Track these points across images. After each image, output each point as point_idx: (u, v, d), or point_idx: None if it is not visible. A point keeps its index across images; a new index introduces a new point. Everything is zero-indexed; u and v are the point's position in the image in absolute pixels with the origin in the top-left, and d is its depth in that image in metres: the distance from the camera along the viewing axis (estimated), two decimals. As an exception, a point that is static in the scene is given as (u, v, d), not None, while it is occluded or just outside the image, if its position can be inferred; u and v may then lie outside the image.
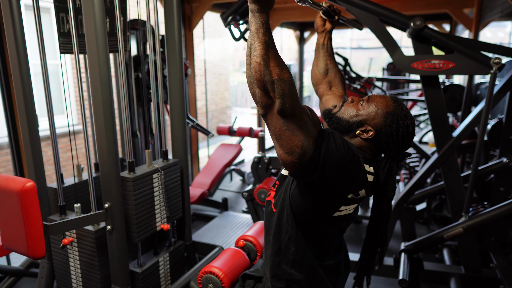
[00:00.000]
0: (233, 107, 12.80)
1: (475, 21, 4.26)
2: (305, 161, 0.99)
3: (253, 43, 0.95)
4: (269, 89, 0.94)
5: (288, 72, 0.96)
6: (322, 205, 1.12)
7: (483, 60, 2.06)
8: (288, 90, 0.94)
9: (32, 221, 1.46)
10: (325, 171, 1.00)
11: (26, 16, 1.90)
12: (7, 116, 2.88)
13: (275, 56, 0.95)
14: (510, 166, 2.62)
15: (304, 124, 0.98)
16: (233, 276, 1.51)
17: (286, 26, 7.37)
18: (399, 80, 6.38)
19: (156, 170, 2.02)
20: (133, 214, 1.91)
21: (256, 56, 0.94)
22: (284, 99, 0.94)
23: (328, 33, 1.55)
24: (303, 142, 0.97)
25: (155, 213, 2.06)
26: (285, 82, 0.94)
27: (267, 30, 0.94)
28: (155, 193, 2.05)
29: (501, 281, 2.40)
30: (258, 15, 0.94)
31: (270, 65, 0.93)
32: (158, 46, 2.13)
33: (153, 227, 2.06)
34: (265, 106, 0.97)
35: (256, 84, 0.95)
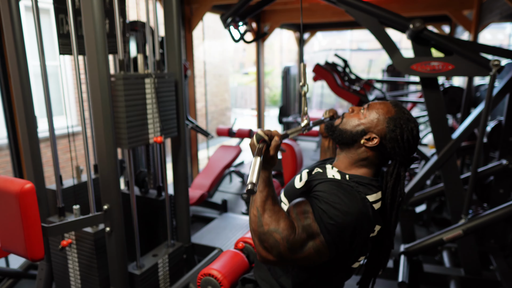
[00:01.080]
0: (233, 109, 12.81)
1: (474, 22, 4.26)
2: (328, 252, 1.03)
3: (255, 197, 1.02)
4: (263, 240, 1.00)
5: (284, 222, 1.00)
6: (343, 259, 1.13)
7: (482, 62, 2.06)
8: (282, 239, 0.98)
9: (30, 222, 1.45)
10: (344, 246, 1.04)
11: (25, 17, 1.90)
12: (6, 118, 2.88)
13: (271, 207, 1.01)
14: (510, 168, 2.62)
15: (304, 240, 1.01)
16: (232, 278, 1.50)
17: (286, 28, 7.38)
18: (398, 82, 6.39)
19: (149, 74, 1.95)
20: (123, 117, 1.83)
21: (253, 208, 1.02)
22: (279, 247, 0.99)
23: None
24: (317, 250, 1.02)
25: (148, 123, 1.98)
26: (277, 231, 0.99)
27: (266, 185, 1.02)
28: (148, 101, 1.96)
29: (501, 283, 2.39)
30: (261, 172, 1.02)
31: (264, 216, 1.00)
32: (157, 47, 2.13)
33: (146, 137, 1.98)
34: (262, 256, 1.02)
35: (254, 234, 1.02)
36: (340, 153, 1.23)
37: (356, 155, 1.17)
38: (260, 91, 6.46)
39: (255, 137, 1.02)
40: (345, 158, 1.20)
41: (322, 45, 16.76)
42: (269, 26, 6.02)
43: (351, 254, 1.11)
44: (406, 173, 1.16)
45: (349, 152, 1.19)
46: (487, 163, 3.43)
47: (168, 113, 2.12)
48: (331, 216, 1.01)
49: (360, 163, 1.18)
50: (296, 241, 0.99)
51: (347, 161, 1.20)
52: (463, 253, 2.48)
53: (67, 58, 4.87)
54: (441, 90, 2.34)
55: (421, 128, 8.09)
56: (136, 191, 2.52)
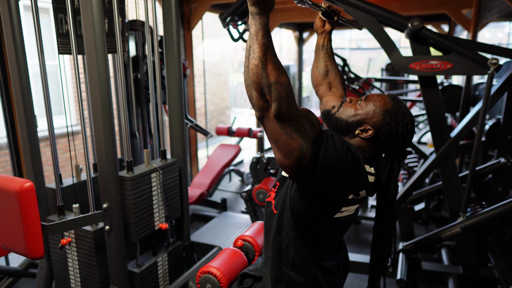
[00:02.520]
0: (232, 108, 12.81)
1: (473, 21, 4.27)
2: (304, 164, 0.98)
3: (252, 45, 0.95)
4: (266, 92, 0.94)
5: (285, 76, 0.96)
6: (322, 207, 1.12)
7: (481, 60, 2.07)
8: (285, 94, 0.94)
9: (30, 221, 1.46)
10: (324, 173, 1.00)
11: (24, 17, 1.91)
12: (6, 117, 2.88)
13: (273, 59, 0.94)
14: (508, 166, 2.63)
15: (301, 127, 0.98)
16: (231, 276, 1.51)
17: (285, 27, 7.38)
18: (397, 80, 6.39)
19: (155, 169, 2.03)
20: (132, 213, 1.91)
21: (254, 58, 0.94)
22: (281, 103, 0.94)
23: (327, 34, 1.56)
24: (300, 145, 0.97)
25: (154, 213, 2.06)
26: (282, 85, 0.94)
27: (266, 32, 0.94)
28: (154, 193, 2.05)
29: (499, 281, 2.40)
30: (258, 18, 0.94)
31: (267, 67, 0.93)
32: (156, 46, 2.14)
33: (152, 226, 2.06)
34: (261, 109, 0.97)
35: (253, 86, 0.95)
36: None
37: None
38: (259, 90, 6.45)
39: None
40: None
41: (322, 44, 16.72)
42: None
43: (328, 195, 1.08)
44: (399, 166, 1.17)
45: None
46: (486, 161, 3.44)
47: (173, 198, 2.22)
48: (330, 142, 1.01)
49: None
50: (296, 114, 0.97)
51: None
52: (461, 251, 2.49)
53: (67, 57, 4.87)
54: (439, 88, 2.35)
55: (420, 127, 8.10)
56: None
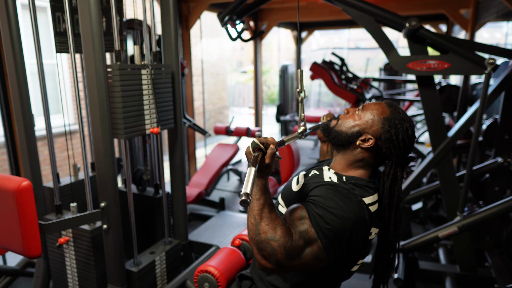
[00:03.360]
0: (230, 107, 12.81)
1: (471, 21, 4.28)
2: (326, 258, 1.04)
3: (251, 203, 1.03)
4: (261, 248, 1.00)
5: (280, 229, 1.00)
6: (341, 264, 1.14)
7: (478, 60, 2.08)
8: (279, 246, 0.98)
9: (28, 220, 1.46)
10: (342, 251, 1.05)
11: (22, 15, 1.90)
12: (3, 116, 2.87)
13: (268, 215, 1.01)
14: (505, 166, 2.64)
15: (302, 246, 1.01)
16: (229, 275, 1.51)
17: (284, 26, 7.38)
18: (396, 80, 6.40)
19: (145, 65, 1.94)
20: (120, 107, 1.82)
21: (250, 217, 1.03)
22: (276, 255, 0.99)
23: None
24: (315, 256, 1.02)
25: (144, 114, 1.97)
26: (274, 239, 0.99)
27: (263, 192, 1.03)
28: (144, 92, 1.96)
29: (496, 280, 2.41)
30: (257, 180, 1.03)
31: (261, 224, 1.00)
32: (154, 45, 2.13)
33: (142, 128, 1.98)
34: (261, 264, 1.03)
35: (252, 243, 1.03)
36: (337, 154, 1.24)
37: (352, 156, 1.18)
38: (257, 89, 6.46)
39: (251, 145, 1.03)
40: (342, 159, 1.21)
41: (320, 44, 16.77)
42: (267, 25, 6.03)
43: (349, 258, 1.11)
44: (403, 173, 1.16)
45: (345, 153, 1.20)
46: (483, 161, 3.45)
47: (165, 105, 2.12)
48: (327, 221, 1.01)
49: (356, 164, 1.18)
50: (293, 248, 1.00)
51: (343, 163, 1.20)
52: (459, 250, 2.50)
53: (64, 56, 4.86)
54: (437, 88, 2.36)
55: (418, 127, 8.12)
56: (133, 189, 2.53)
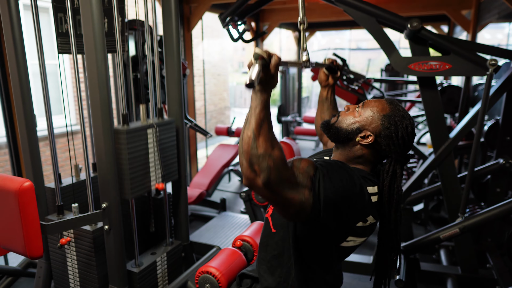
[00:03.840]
0: (231, 108, 12.81)
1: (472, 22, 4.28)
2: (308, 213, 1.02)
3: (250, 117, 0.98)
4: (254, 162, 0.96)
5: (277, 149, 0.97)
6: (329, 237, 1.13)
7: (479, 61, 2.08)
8: (274, 164, 0.96)
9: (29, 220, 1.46)
10: (329, 212, 1.03)
11: (24, 16, 1.91)
12: (5, 116, 2.88)
13: (267, 132, 0.97)
14: (507, 167, 2.63)
15: (295, 183, 1.00)
16: (230, 276, 1.52)
17: (285, 27, 7.39)
18: (397, 81, 6.40)
19: (151, 125, 1.99)
20: (127, 169, 1.86)
21: (248, 130, 0.97)
22: (269, 173, 0.95)
23: (331, 87, 1.64)
24: (300, 201, 1.00)
25: (150, 171, 2.02)
26: (271, 156, 0.96)
27: (264, 108, 0.97)
28: (150, 150, 2.00)
29: (498, 281, 2.41)
30: (260, 94, 0.97)
31: (259, 139, 0.96)
32: (156, 46, 2.14)
33: (148, 185, 2.02)
34: (248, 178, 0.98)
35: (244, 155, 0.98)
36: (336, 150, 1.25)
37: (351, 153, 1.19)
38: (259, 90, 6.44)
39: (253, 55, 0.96)
40: (341, 155, 1.22)
41: (321, 44, 16.76)
42: (268, 25, 6.03)
43: (336, 229, 1.09)
44: (402, 171, 1.16)
45: (344, 150, 1.20)
46: (485, 162, 3.45)
47: (169, 158, 2.19)
48: (326, 181, 1.02)
49: (356, 161, 1.19)
50: (287, 177, 0.99)
51: (343, 159, 1.21)
52: (460, 251, 2.49)
53: (66, 57, 4.87)
54: (439, 89, 2.35)
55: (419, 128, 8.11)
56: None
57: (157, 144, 2.04)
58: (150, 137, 2.00)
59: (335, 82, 1.62)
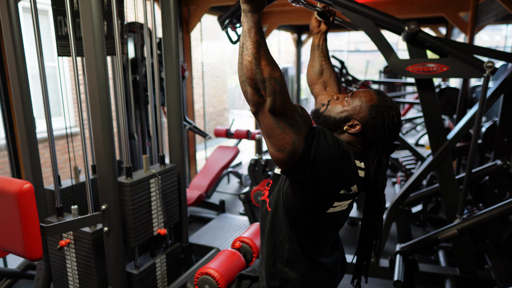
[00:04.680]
0: (230, 110, 12.82)
1: (470, 24, 4.29)
2: (296, 159, 1.01)
3: (245, 42, 0.96)
4: (260, 87, 0.96)
5: (279, 71, 0.98)
6: (315, 202, 1.14)
7: (476, 63, 2.09)
8: (279, 89, 0.96)
9: (29, 222, 1.47)
10: (316, 168, 1.03)
11: (24, 19, 1.92)
12: (5, 118, 2.89)
13: (266, 55, 0.96)
14: (504, 168, 2.65)
15: (294, 122, 1.01)
16: (229, 277, 1.52)
17: (284, 29, 7.40)
18: (395, 83, 6.42)
19: (153, 175, 2.04)
20: (131, 219, 1.92)
21: (247, 55, 0.95)
22: (275, 97, 0.96)
23: (323, 34, 1.59)
24: (293, 140, 1.00)
25: (152, 218, 2.08)
26: (275, 80, 0.96)
27: (258, 29, 0.95)
28: (152, 198, 2.06)
29: (496, 282, 2.41)
30: (250, 15, 0.95)
31: (261, 63, 0.95)
32: (155, 48, 2.15)
33: (150, 231, 2.07)
34: (256, 104, 0.99)
35: (248, 82, 0.97)
36: None
37: None
38: (258, 92, 6.46)
39: None
40: None
41: (320, 46, 16.76)
42: (267, 28, 6.04)
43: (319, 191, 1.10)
44: (388, 160, 1.19)
45: None
46: (482, 163, 3.46)
47: (171, 203, 2.24)
48: (321, 138, 1.04)
49: None
50: (290, 109, 0.99)
51: None
52: (458, 252, 2.50)
53: (65, 59, 4.88)
54: (437, 91, 2.36)
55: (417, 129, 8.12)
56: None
57: (160, 192, 2.10)
58: (153, 186, 2.06)
59: (327, 29, 1.58)
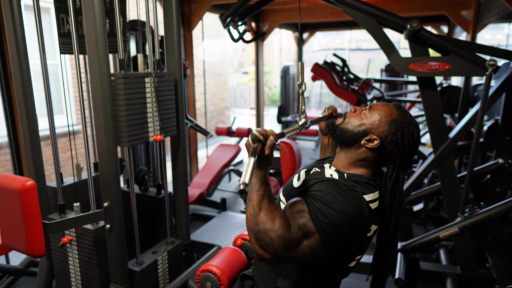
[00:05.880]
0: (232, 108, 12.82)
1: (472, 23, 4.29)
2: (323, 257, 1.05)
3: (251, 194, 1.04)
4: (259, 238, 1.01)
5: (279, 220, 1.01)
6: (338, 259, 1.14)
7: (479, 62, 2.09)
8: (277, 237, 0.99)
9: (32, 219, 1.47)
10: (339, 245, 1.05)
11: (26, 16, 1.92)
12: (7, 116, 2.90)
13: (267, 206, 1.02)
14: (506, 167, 2.65)
15: (300, 237, 1.02)
16: (231, 274, 1.53)
17: (285, 28, 7.40)
18: (397, 81, 6.41)
19: (149, 74, 1.97)
20: (124, 116, 1.85)
21: (250, 207, 1.04)
22: (274, 246, 1.00)
23: None
24: (316, 254, 1.03)
25: (148, 121, 2.00)
26: (272, 230, 1.00)
27: (262, 184, 1.04)
28: (147, 99, 1.99)
29: (497, 281, 2.42)
30: (257, 171, 1.04)
31: (260, 215, 1.02)
32: (157, 46, 2.15)
33: (145, 136, 2.01)
34: (258, 254, 1.04)
35: (250, 232, 1.04)
36: (340, 152, 1.23)
37: (355, 155, 1.18)
38: (259, 90, 6.48)
39: (250, 137, 1.04)
40: (345, 157, 1.21)
41: (321, 45, 16.77)
42: (268, 26, 6.04)
43: (347, 253, 1.12)
44: (405, 176, 1.16)
45: (348, 151, 1.19)
46: (484, 162, 3.46)
47: (168, 112, 2.14)
48: (326, 215, 1.02)
49: (359, 163, 1.18)
50: (291, 240, 1.01)
51: (346, 161, 1.20)
52: (460, 251, 2.50)
53: (68, 57, 4.88)
54: (438, 89, 2.36)
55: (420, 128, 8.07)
56: (136, 189, 2.54)
57: (156, 94, 2.01)
58: (148, 86, 1.98)
59: None
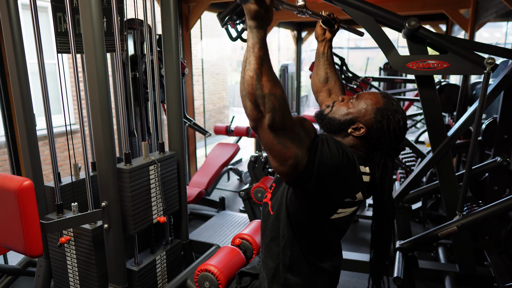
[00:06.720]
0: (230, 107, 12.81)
1: (470, 21, 4.29)
2: (300, 171, 1.00)
3: (249, 57, 0.96)
4: (260, 103, 0.95)
5: (280, 88, 0.97)
6: (319, 209, 1.13)
7: (477, 60, 2.08)
8: (279, 105, 0.95)
9: (29, 219, 1.47)
10: (320, 178, 1.02)
11: (23, 15, 1.91)
12: (5, 115, 2.88)
13: (268, 71, 0.96)
14: (504, 165, 2.65)
15: (295, 135, 0.99)
16: (229, 273, 1.52)
17: (284, 26, 7.39)
18: (395, 80, 6.41)
19: (153, 162, 2.02)
20: (130, 206, 1.90)
21: (249, 70, 0.95)
22: (274, 114, 0.95)
23: (328, 42, 1.60)
24: (295, 154, 0.98)
25: (152, 206, 2.05)
26: (275, 97, 0.95)
27: (262, 45, 0.95)
28: (152, 185, 2.04)
29: (495, 279, 2.42)
30: (256, 31, 0.95)
31: (262, 79, 0.94)
32: (155, 45, 2.14)
33: (150, 219, 2.05)
34: (255, 119, 0.98)
35: (248, 97, 0.96)
36: None
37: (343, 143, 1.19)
38: (257, 89, 6.45)
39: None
40: None
41: (320, 43, 16.73)
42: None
43: (324, 199, 1.10)
44: (393, 163, 1.18)
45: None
46: (482, 160, 3.46)
47: (171, 191, 2.22)
48: (325, 146, 1.03)
49: None
50: (290, 123, 0.98)
51: None
52: (458, 249, 2.51)
53: (65, 56, 4.87)
54: (437, 88, 2.36)
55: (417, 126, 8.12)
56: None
57: (159, 179, 2.08)
58: (152, 173, 2.04)
59: (332, 37, 1.59)
